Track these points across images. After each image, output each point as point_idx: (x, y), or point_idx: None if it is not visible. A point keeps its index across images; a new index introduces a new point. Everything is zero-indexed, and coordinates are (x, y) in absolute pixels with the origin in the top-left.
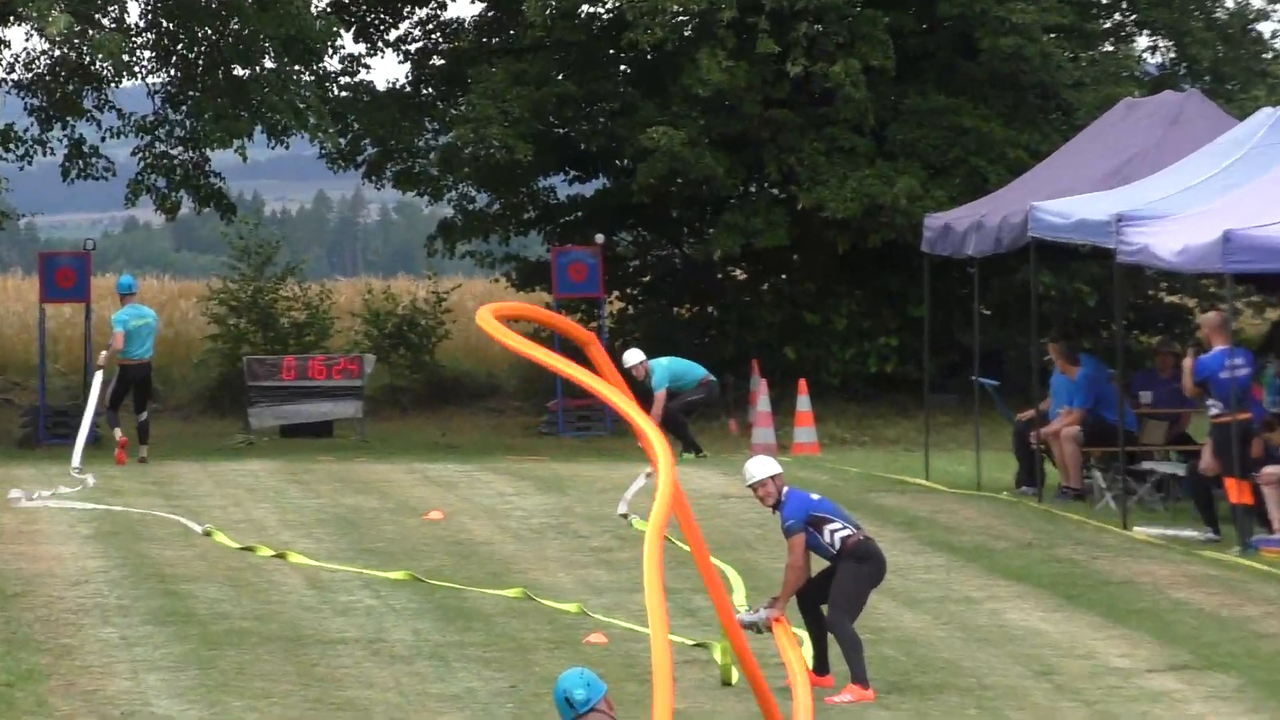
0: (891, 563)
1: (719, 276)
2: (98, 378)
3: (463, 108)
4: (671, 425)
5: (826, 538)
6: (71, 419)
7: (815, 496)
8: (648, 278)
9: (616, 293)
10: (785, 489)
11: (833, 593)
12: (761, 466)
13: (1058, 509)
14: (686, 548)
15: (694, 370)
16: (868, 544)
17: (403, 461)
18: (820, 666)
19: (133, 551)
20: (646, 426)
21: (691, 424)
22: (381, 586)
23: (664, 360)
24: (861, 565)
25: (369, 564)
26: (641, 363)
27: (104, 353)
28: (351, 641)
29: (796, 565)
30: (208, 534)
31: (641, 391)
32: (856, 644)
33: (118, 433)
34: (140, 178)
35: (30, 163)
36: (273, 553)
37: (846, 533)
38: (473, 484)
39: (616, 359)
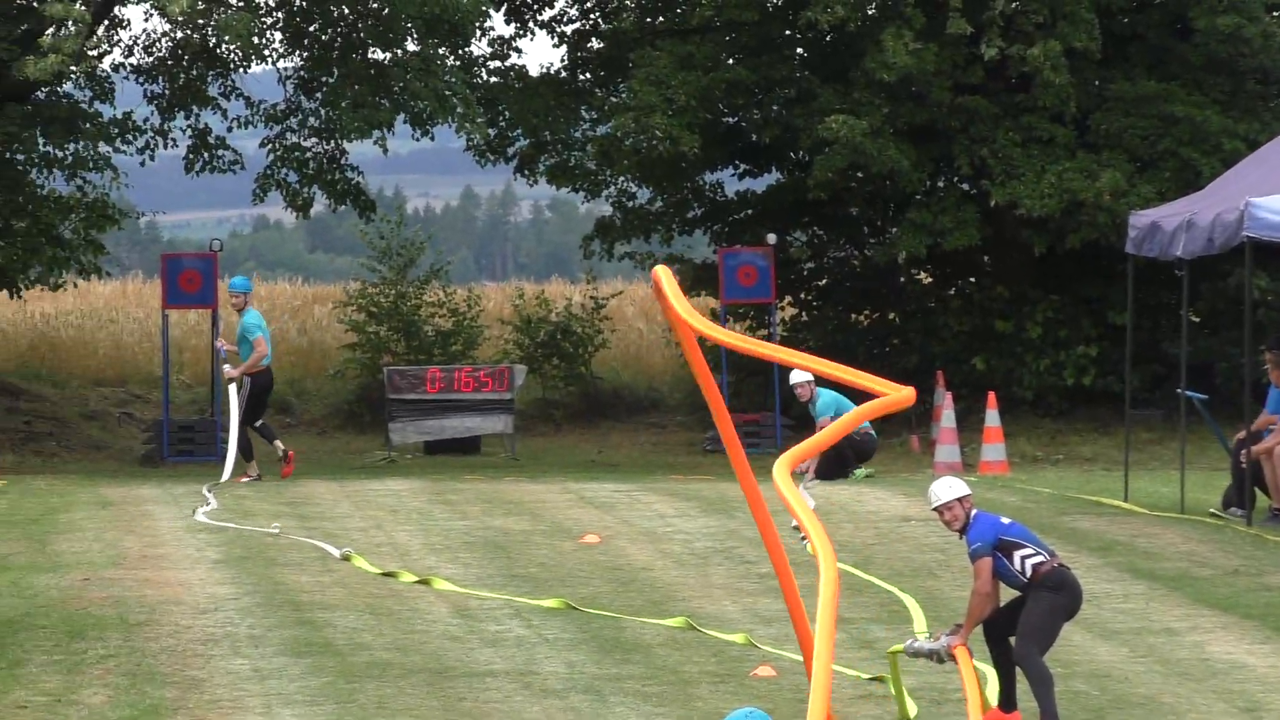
0: (1086, 591)
1: (902, 280)
2: (233, 389)
3: (623, 95)
4: (832, 460)
5: (1017, 564)
6: (198, 434)
7: (1005, 520)
8: (824, 281)
9: (789, 298)
10: (973, 511)
11: (1021, 623)
12: (948, 488)
13: (1268, 533)
14: (864, 575)
15: None
16: (1062, 572)
17: (556, 480)
18: (1007, 703)
19: (265, 577)
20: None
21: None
22: (533, 615)
23: (834, 392)
24: (1055, 595)
25: (519, 590)
26: (808, 383)
27: (250, 360)
28: (500, 674)
29: (982, 591)
30: (346, 558)
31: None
32: (1046, 679)
33: (280, 445)
34: (270, 171)
35: (151, 157)
36: (416, 579)
37: (1039, 559)
38: (632, 505)
39: (787, 370)
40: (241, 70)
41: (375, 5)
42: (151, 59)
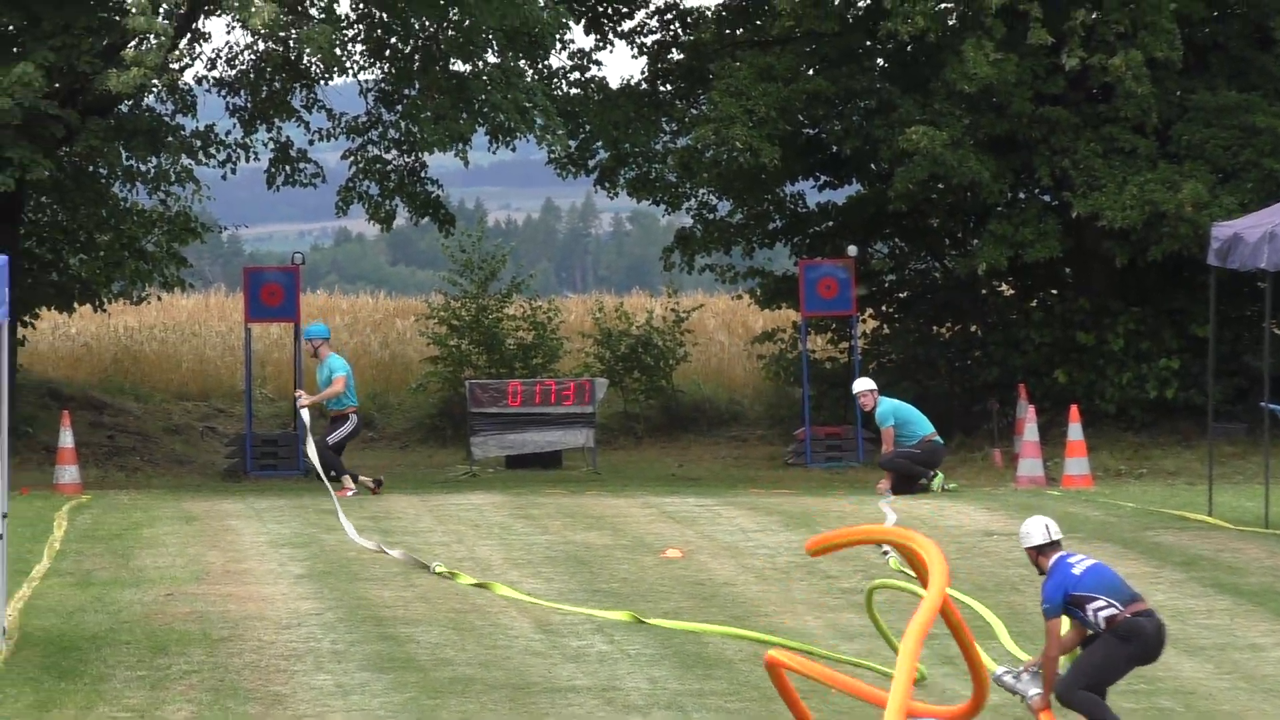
0: (1170, 607)
1: (983, 292)
2: (305, 413)
3: (703, 107)
4: (898, 473)
5: (1090, 616)
6: (281, 448)
7: (1078, 570)
8: (904, 294)
9: (870, 310)
10: (1054, 558)
11: (1076, 660)
12: (1036, 532)
13: None
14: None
15: (920, 424)
16: (1133, 621)
17: (637, 495)
18: None
19: (348, 592)
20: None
21: (951, 453)
22: (615, 630)
23: (894, 401)
24: (1122, 644)
25: (601, 605)
26: (871, 392)
27: (325, 392)
28: (583, 690)
29: (1051, 656)
30: (449, 574)
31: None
32: (1094, 703)
33: (350, 480)
34: (352, 184)
35: (233, 170)
36: (511, 592)
37: (1111, 612)
38: (713, 519)
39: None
40: (323, 82)
41: (456, 17)
42: (234, 72)
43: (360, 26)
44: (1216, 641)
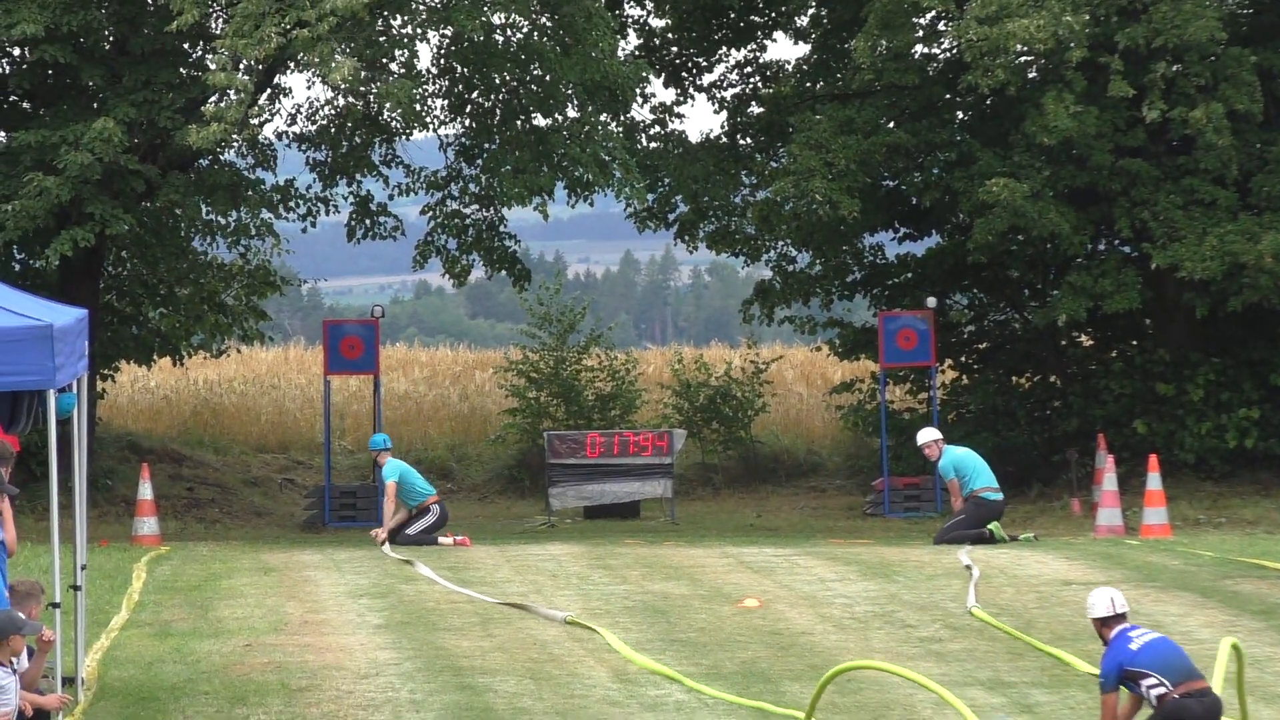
0: (1248, 656)
1: (1063, 343)
2: (388, 547)
3: (783, 159)
4: (953, 529)
5: (1143, 691)
6: (360, 499)
7: (1136, 645)
8: (984, 345)
9: (949, 361)
10: (1116, 630)
11: None
12: (1100, 604)
13: None
14: (1027, 639)
15: (976, 476)
16: (1179, 704)
17: (715, 545)
18: None
19: (426, 642)
20: None
21: (1030, 503)
22: (693, 679)
23: (959, 450)
24: None
25: (679, 654)
26: (935, 442)
27: (387, 516)
28: None
29: None
30: (582, 624)
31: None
32: None
33: (449, 540)
34: (430, 238)
35: (314, 224)
36: (654, 665)
37: (1161, 691)
38: (791, 569)
39: (945, 432)
40: (403, 137)
41: (537, 72)
42: (313, 126)
43: (441, 82)
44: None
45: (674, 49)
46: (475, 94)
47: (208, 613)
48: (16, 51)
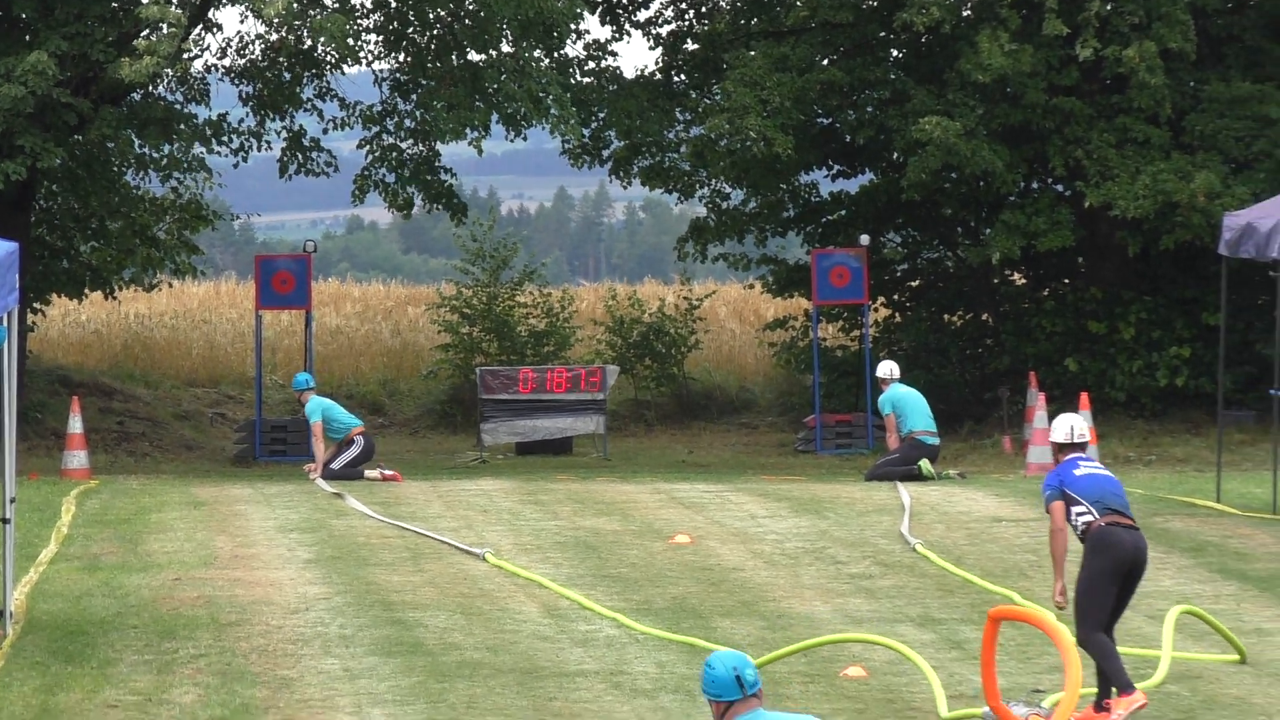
0: (1177, 592)
1: (995, 282)
2: (322, 483)
3: (717, 97)
4: (884, 467)
5: (1072, 518)
6: (290, 434)
7: (1080, 472)
8: (917, 283)
9: (882, 299)
10: (1067, 458)
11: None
12: (1060, 430)
13: None
14: (961, 574)
15: (913, 417)
16: (1105, 530)
17: (647, 481)
18: (1100, 693)
19: (356, 577)
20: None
21: (961, 440)
22: (624, 614)
23: (903, 389)
24: (1092, 559)
25: (610, 590)
26: (887, 379)
27: (317, 454)
28: (591, 674)
29: (1053, 527)
30: (498, 565)
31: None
32: (1105, 652)
33: (376, 474)
34: (368, 172)
35: (245, 159)
36: (592, 605)
37: (1088, 519)
38: (723, 505)
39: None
40: (337, 72)
41: (471, 7)
42: (245, 61)
43: (375, 16)
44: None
45: None
46: (409, 29)
47: (137, 547)
48: None
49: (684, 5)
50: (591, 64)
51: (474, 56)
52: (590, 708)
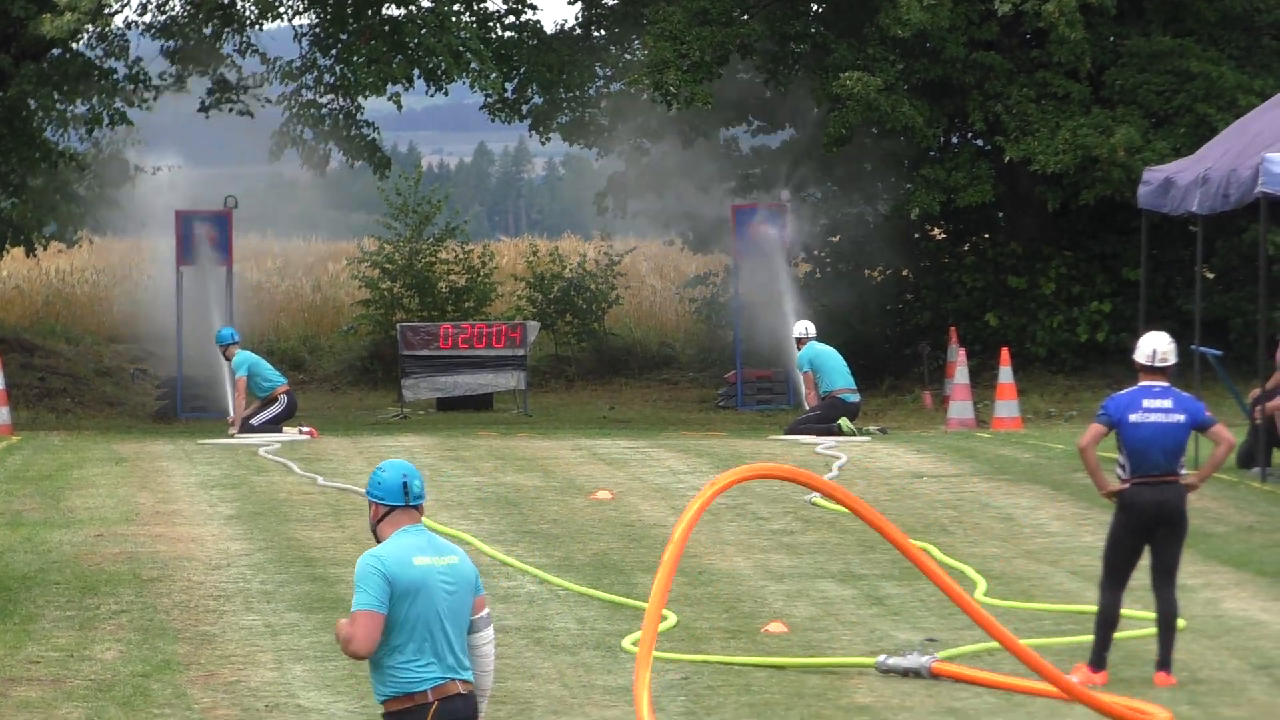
0: (1098, 548)
1: (915, 237)
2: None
3: (637, 51)
4: (804, 423)
5: (1117, 469)
6: (211, 390)
7: (1140, 419)
8: (837, 238)
9: (802, 254)
10: (1141, 385)
11: None
12: (1143, 351)
13: None
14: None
15: (834, 375)
16: (1130, 492)
17: (568, 437)
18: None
19: (277, 533)
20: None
21: (881, 396)
22: (546, 571)
23: (821, 346)
24: (1115, 518)
25: (531, 546)
26: (803, 338)
27: (236, 408)
28: (512, 630)
29: (1079, 444)
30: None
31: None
32: (1105, 617)
33: (294, 432)
34: (286, 129)
35: (156, 98)
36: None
37: (1122, 476)
38: (644, 461)
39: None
40: (257, 27)
41: None
42: (165, 17)
43: None
44: (1144, 582)
45: None
46: None
47: (59, 503)
48: None
49: None
50: (512, 18)
51: (394, 11)
52: (512, 664)
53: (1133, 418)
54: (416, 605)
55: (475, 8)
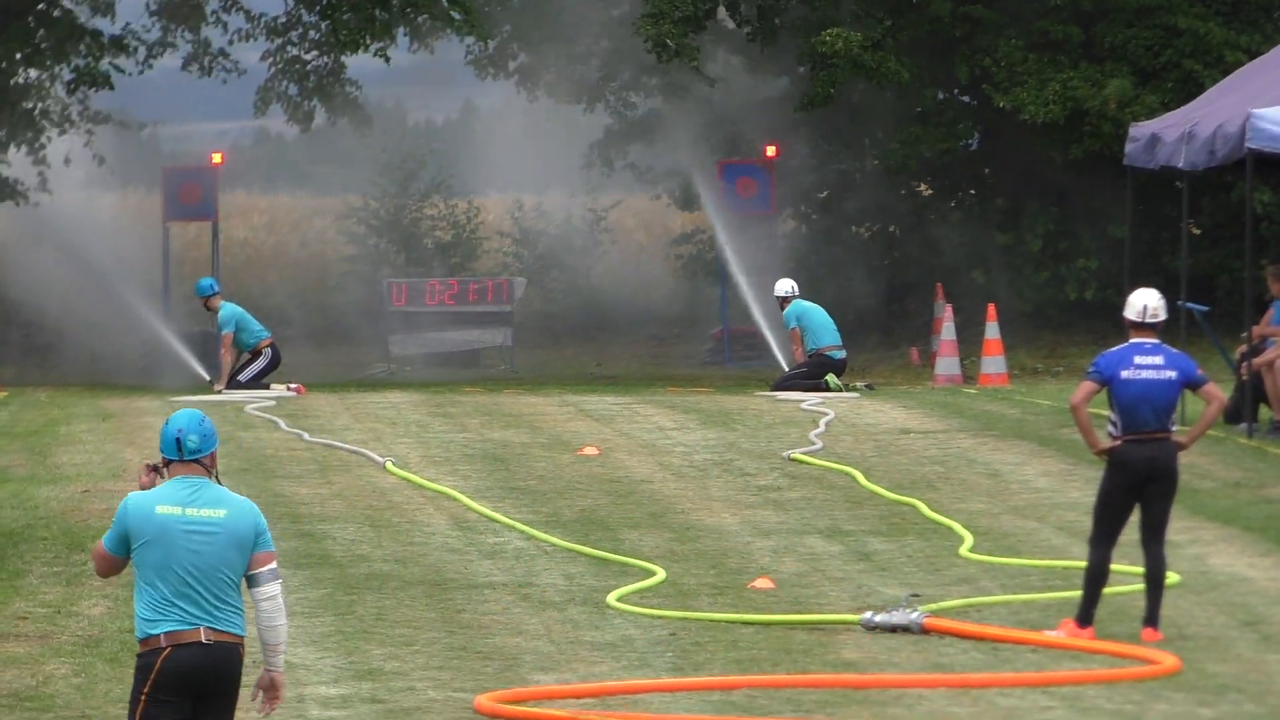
0: (1084, 504)
1: (902, 192)
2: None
3: (625, 5)
4: (791, 379)
5: (1108, 425)
6: (197, 347)
7: (1131, 376)
8: (824, 194)
9: (789, 210)
10: (1131, 342)
11: None
12: (1134, 308)
13: (1269, 446)
14: (874, 487)
15: (821, 333)
16: (1121, 450)
17: (555, 393)
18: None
19: (264, 489)
20: None
21: (869, 353)
22: (533, 527)
23: (807, 304)
24: (1106, 474)
25: (519, 503)
26: (788, 296)
27: (224, 367)
28: (499, 586)
29: (1070, 401)
30: (390, 471)
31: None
32: (1094, 573)
33: (283, 389)
34: (271, 84)
35: (150, 66)
36: (450, 492)
37: (1113, 432)
38: (631, 418)
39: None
40: None
41: None
42: None
43: None
44: (1131, 538)
45: None
46: None
47: (45, 459)
48: None
49: None
50: None
51: None
52: (499, 620)
53: (1124, 374)
54: (153, 552)
55: None
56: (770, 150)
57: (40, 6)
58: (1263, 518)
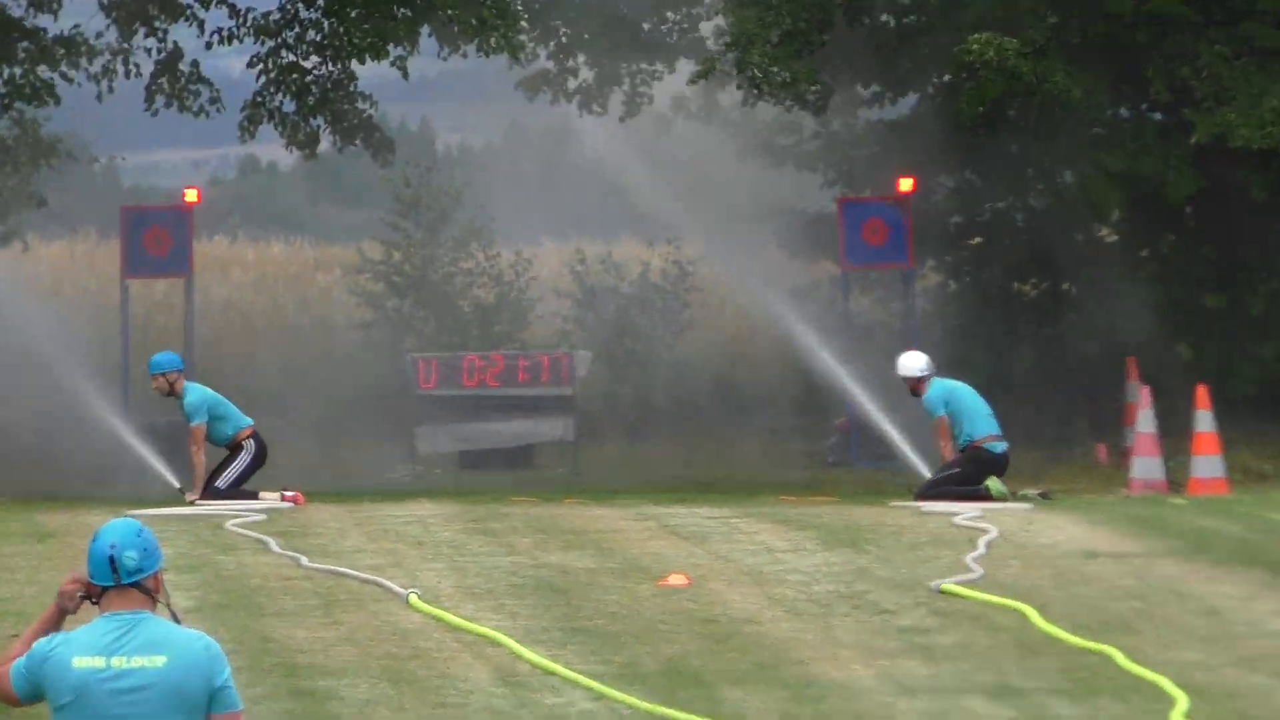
0: None
1: (1079, 238)
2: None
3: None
4: (940, 484)
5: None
6: (163, 443)
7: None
8: (977, 240)
9: (932, 261)
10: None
11: None
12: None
13: None
14: (1053, 629)
15: (975, 420)
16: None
17: (631, 504)
18: None
19: (250, 630)
20: None
21: (1042, 449)
22: (604, 682)
23: (952, 382)
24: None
25: (584, 648)
26: (923, 377)
27: (196, 463)
28: None
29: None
30: (415, 606)
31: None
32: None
33: (275, 498)
34: (261, 99)
35: (110, 87)
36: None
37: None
38: (730, 536)
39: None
40: None
41: None
42: None
43: None
44: None
45: None
46: None
47: None
48: None
49: None
50: None
51: None
52: None
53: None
54: (75, 714)
55: None
56: (906, 183)
57: None
58: None
